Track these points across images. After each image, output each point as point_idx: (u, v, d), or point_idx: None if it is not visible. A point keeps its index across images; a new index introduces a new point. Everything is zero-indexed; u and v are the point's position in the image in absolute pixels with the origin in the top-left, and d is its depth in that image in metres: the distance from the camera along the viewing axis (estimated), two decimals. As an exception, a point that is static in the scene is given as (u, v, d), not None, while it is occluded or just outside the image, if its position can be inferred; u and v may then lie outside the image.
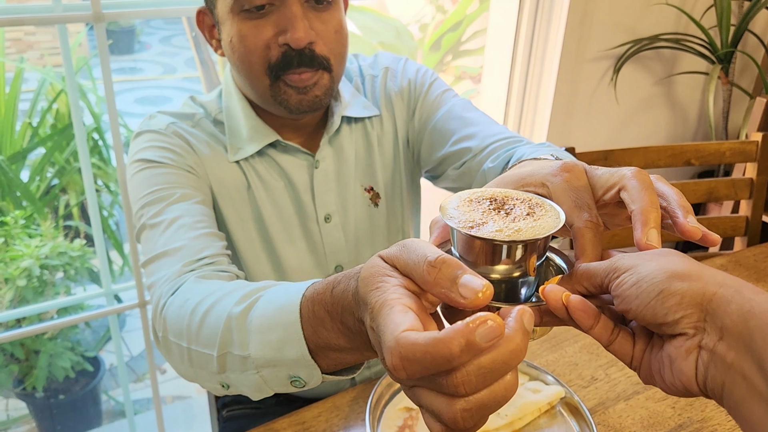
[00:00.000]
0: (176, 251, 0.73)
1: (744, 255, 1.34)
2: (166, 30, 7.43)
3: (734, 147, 1.52)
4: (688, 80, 2.21)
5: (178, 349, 0.64)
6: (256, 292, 0.59)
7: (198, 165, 0.86)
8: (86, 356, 2.00)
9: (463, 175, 0.92)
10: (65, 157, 2.37)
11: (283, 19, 0.78)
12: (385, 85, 0.98)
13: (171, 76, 5.93)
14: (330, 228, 0.94)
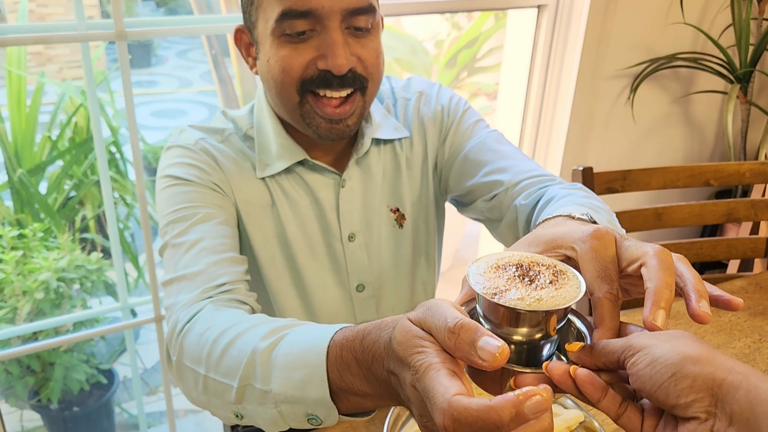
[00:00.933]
0: (195, 276, 0.75)
1: (764, 277, 1.32)
2: (183, 44, 7.53)
3: (754, 168, 1.50)
4: (705, 99, 2.20)
5: (194, 375, 0.66)
6: (282, 329, 0.61)
7: (223, 182, 0.87)
8: (100, 368, 2.00)
9: (493, 208, 0.93)
10: (83, 170, 2.39)
11: (324, 45, 0.79)
12: (418, 109, 0.98)
13: (187, 90, 6.00)
14: (354, 247, 0.94)
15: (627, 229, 1.45)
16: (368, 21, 0.81)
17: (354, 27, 0.80)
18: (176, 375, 0.70)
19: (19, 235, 1.85)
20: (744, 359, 1.06)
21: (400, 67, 2.96)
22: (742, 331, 1.14)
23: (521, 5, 1.84)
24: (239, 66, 2.18)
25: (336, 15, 0.78)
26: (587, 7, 1.78)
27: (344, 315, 0.97)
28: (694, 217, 1.50)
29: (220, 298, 0.73)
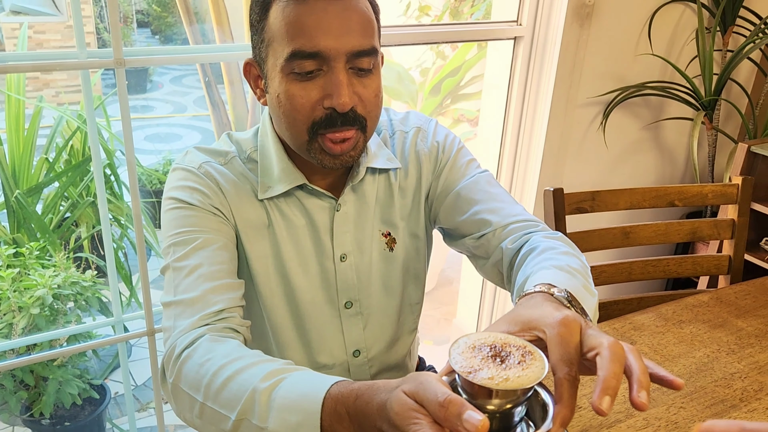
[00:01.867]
0: (192, 302, 0.82)
1: (725, 292, 1.41)
2: (178, 71, 7.65)
3: (716, 189, 1.60)
4: (675, 126, 2.31)
5: (190, 400, 0.73)
6: (281, 372, 0.69)
7: (224, 206, 0.93)
8: (92, 384, 2.05)
9: (480, 246, 1.01)
10: (78, 191, 2.47)
11: (330, 84, 0.84)
12: (415, 143, 1.04)
13: (181, 115, 6.10)
14: (344, 267, 1.00)
15: (597, 247, 1.53)
16: (370, 62, 0.87)
17: (357, 68, 0.86)
18: (170, 395, 0.77)
19: (15, 253, 1.91)
20: (702, 368, 1.13)
21: (387, 94, 3.07)
22: (702, 342, 1.21)
23: (499, 37, 1.95)
24: (231, 92, 2.28)
25: (341, 56, 0.83)
26: (560, 39, 1.89)
27: (331, 329, 1.02)
28: (660, 236, 1.59)
29: (216, 326, 0.80)
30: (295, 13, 0.82)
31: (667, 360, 1.15)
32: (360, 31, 0.84)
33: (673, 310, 1.32)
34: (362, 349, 1.05)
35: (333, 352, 1.04)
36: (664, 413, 1.01)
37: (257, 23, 0.87)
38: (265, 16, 0.86)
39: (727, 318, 1.30)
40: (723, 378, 1.11)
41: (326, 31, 0.82)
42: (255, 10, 0.87)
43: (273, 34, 0.85)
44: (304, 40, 0.82)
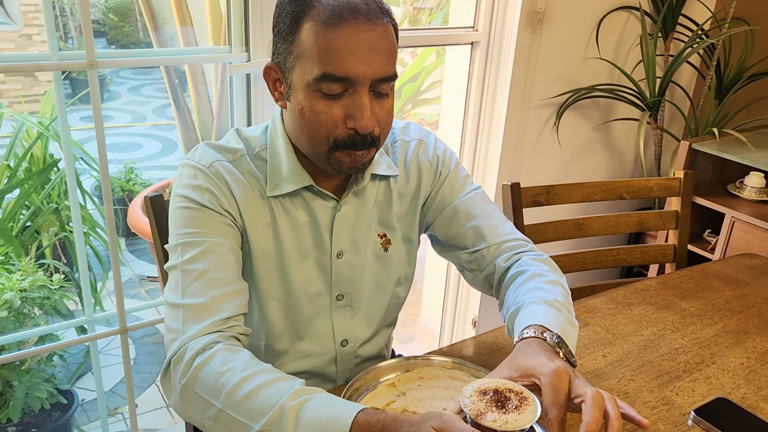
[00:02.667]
0: (201, 308, 0.87)
1: (671, 277, 1.51)
2: (136, 80, 7.57)
3: (660, 183, 1.71)
4: (623, 126, 2.44)
5: (204, 403, 0.80)
6: (305, 392, 0.77)
7: (232, 207, 0.96)
8: (60, 389, 2.05)
9: (474, 260, 1.11)
10: (41, 198, 2.45)
11: (353, 106, 0.88)
12: (417, 155, 1.11)
13: (140, 124, 6.05)
14: (340, 263, 1.06)
15: (552, 238, 1.62)
16: (389, 87, 0.93)
17: (377, 91, 0.91)
18: (178, 394, 0.83)
19: (-21, 258, 1.90)
20: (650, 344, 1.22)
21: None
22: (649, 321, 1.31)
23: (456, 42, 2.04)
24: (196, 98, 2.31)
25: (367, 82, 0.87)
26: (514, 44, 1.99)
27: (322, 320, 1.08)
28: (611, 227, 1.69)
29: (225, 334, 0.87)
30: (330, 38, 0.85)
31: (618, 338, 1.24)
32: (386, 59, 0.88)
33: (623, 294, 1.42)
34: (350, 339, 1.11)
35: (322, 340, 1.09)
36: (616, 385, 1.10)
37: (286, 34, 0.90)
38: (296, 30, 0.88)
39: (672, 300, 1.40)
40: (668, 353, 1.20)
41: (357, 58, 0.86)
42: (285, 21, 0.90)
43: (303, 50, 0.88)
44: (336, 65, 0.86)
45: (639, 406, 1.04)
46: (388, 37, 0.89)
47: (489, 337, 1.23)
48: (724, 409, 1.03)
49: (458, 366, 1.06)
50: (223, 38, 1.79)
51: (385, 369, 1.04)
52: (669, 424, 1.00)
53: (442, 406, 0.96)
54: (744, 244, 2.04)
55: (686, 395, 1.08)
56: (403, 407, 0.96)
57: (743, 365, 1.17)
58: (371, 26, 0.86)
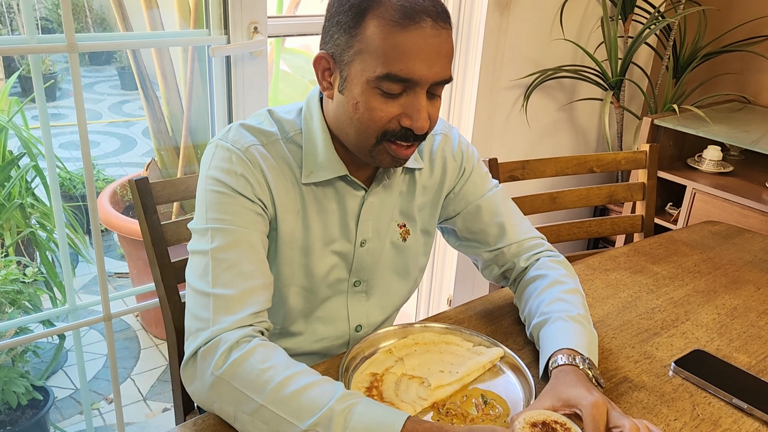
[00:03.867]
0: (230, 299, 0.87)
1: (641, 245, 1.58)
2: (89, 77, 7.37)
3: (628, 156, 1.79)
4: (586, 106, 2.52)
5: (239, 396, 0.80)
6: (351, 396, 0.79)
7: (265, 194, 0.96)
8: (35, 385, 2.01)
9: (494, 257, 1.18)
10: (3, 195, 2.38)
11: (411, 106, 0.89)
12: (443, 149, 1.13)
13: (96, 122, 5.91)
14: (362, 251, 1.07)
15: (528, 211, 1.68)
16: (443, 88, 0.95)
17: (432, 93, 0.93)
18: (210, 385, 0.83)
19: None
20: (627, 306, 1.28)
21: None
22: (625, 285, 1.37)
23: (426, 25, 2.07)
24: (164, 87, 2.28)
25: (427, 84, 0.88)
26: (483, 27, 2.04)
27: (338, 305, 1.10)
28: (582, 200, 1.76)
29: (256, 328, 0.88)
30: (398, 38, 0.85)
31: (598, 301, 1.29)
32: (447, 63, 0.90)
33: (599, 261, 1.48)
34: (363, 325, 1.14)
35: (337, 325, 1.11)
36: (600, 343, 1.15)
37: (348, 27, 0.88)
38: (360, 24, 0.87)
39: (645, 265, 1.47)
40: (645, 312, 1.26)
41: (422, 61, 0.86)
42: (347, 14, 0.88)
43: (367, 46, 0.87)
44: (401, 66, 0.86)
45: (623, 362, 1.10)
46: (451, 42, 0.91)
47: (477, 304, 1.27)
48: (701, 359, 1.10)
49: (452, 331, 1.10)
50: (193, 21, 1.78)
51: (381, 336, 1.07)
52: (652, 376, 1.06)
53: (439, 369, 1.00)
54: (705, 214, 2.14)
55: (665, 349, 1.14)
56: (402, 371, 1.00)
57: (715, 321, 1.24)
58: (438, 30, 0.87)
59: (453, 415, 0.91)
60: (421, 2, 0.86)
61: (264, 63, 1.51)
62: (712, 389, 1.02)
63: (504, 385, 0.98)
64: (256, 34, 1.47)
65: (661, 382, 1.05)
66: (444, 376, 0.98)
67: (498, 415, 0.91)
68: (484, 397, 0.95)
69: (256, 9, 1.45)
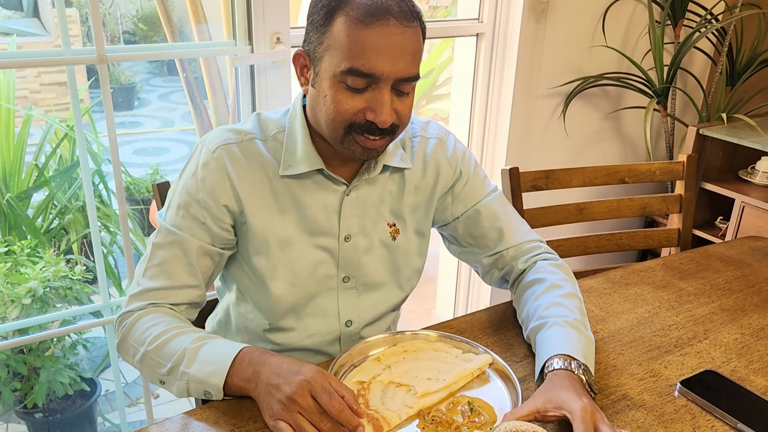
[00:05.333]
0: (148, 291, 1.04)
1: (671, 259, 1.51)
2: (165, 87, 7.79)
3: (663, 167, 1.71)
4: (634, 115, 2.43)
5: (132, 349, 1.00)
6: (204, 338, 0.96)
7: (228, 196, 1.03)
8: (83, 377, 2.13)
9: (494, 261, 1.20)
10: (67, 197, 2.55)
11: (375, 101, 0.93)
12: (437, 152, 1.16)
13: (169, 129, 6.23)
14: (347, 246, 1.10)
15: (552, 222, 1.64)
16: (410, 86, 0.98)
17: (399, 90, 0.96)
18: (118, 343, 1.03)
19: (7, 251, 2.00)
20: (643, 321, 1.23)
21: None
22: (645, 300, 1.32)
23: (461, 34, 2.07)
24: (212, 96, 2.38)
25: (390, 80, 0.92)
26: (518, 34, 2.02)
27: (327, 300, 1.13)
28: (612, 211, 1.70)
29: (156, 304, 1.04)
30: (361, 35, 0.90)
31: (611, 315, 1.25)
32: (411, 61, 0.93)
33: (621, 274, 1.43)
34: (354, 320, 1.15)
35: (328, 320, 1.14)
36: (604, 359, 1.11)
37: (320, 25, 0.94)
38: (329, 22, 0.93)
39: (671, 280, 1.40)
40: (661, 329, 1.21)
41: (384, 57, 0.90)
42: (319, 13, 0.94)
43: (334, 42, 0.92)
44: (363, 61, 0.90)
45: (626, 379, 1.05)
46: (416, 40, 0.94)
47: (482, 315, 1.25)
48: (711, 380, 1.04)
49: (442, 339, 1.09)
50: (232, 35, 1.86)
51: (371, 344, 1.08)
52: (654, 395, 1.02)
53: (426, 376, 1.00)
54: (754, 229, 2.02)
55: (675, 368, 1.09)
56: (389, 379, 1.00)
57: (737, 341, 1.17)
58: (402, 29, 0.91)
59: (438, 423, 0.91)
60: (387, 1, 0.91)
61: (287, 72, 1.56)
62: (717, 413, 0.97)
63: (492, 393, 0.98)
64: (278, 44, 1.52)
65: (662, 401, 1.00)
66: (431, 384, 0.98)
67: (484, 423, 0.91)
68: (470, 405, 0.94)
69: (279, 20, 1.51)
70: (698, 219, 2.25)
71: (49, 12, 6.37)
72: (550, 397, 0.89)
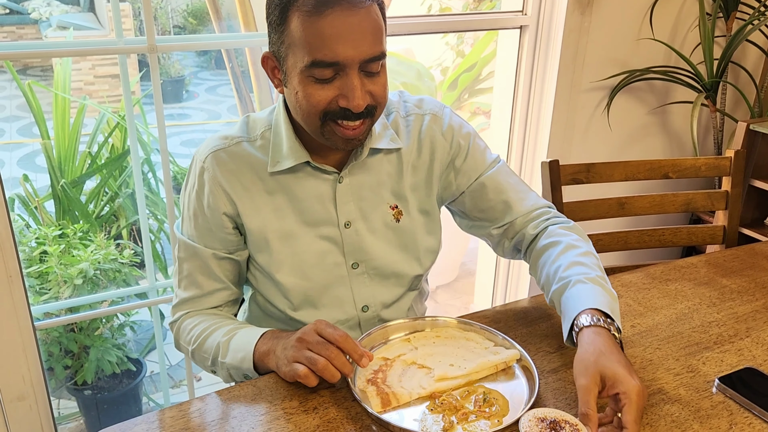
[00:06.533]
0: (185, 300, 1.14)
1: (715, 256, 1.48)
2: (212, 81, 7.95)
3: (709, 162, 1.67)
4: (681, 110, 2.38)
5: (183, 348, 1.15)
6: (233, 330, 1.07)
7: (223, 201, 1.07)
8: (130, 357, 2.22)
9: (505, 232, 1.20)
10: (118, 184, 2.65)
11: (345, 87, 0.94)
12: (432, 128, 1.16)
13: (215, 122, 6.37)
14: (350, 232, 1.12)
15: (592, 216, 1.62)
16: (379, 65, 0.99)
17: (368, 71, 0.97)
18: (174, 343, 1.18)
19: (61, 234, 2.09)
20: (682, 317, 1.21)
21: (408, 90, 3.18)
22: (685, 296, 1.29)
23: (505, 26, 2.06)
24: (257, 86, 2.44)
25: (356, 64, 0.93)
26: (562, 26, 1.99)
27: (341, 287, 1.15)
28: (655, 207, 1.67)
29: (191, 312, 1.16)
30: (316, 27, 0.91)
31: (650, 311, 1.23)
32: (372, 40, 0.93)
33: (662, 270, 1.41)
34: (370, 305, 1.17)
35: (344, 307, 1.16)
36: (641, 353, 1.10)
37: (277, 25, 0.95)
38: (285, 21, 0.94)
39: (714, 277, 1.37)
40: (701, 325, 1.19)
41: (344, 42, 0.91)
42: (274, 13, 0.95)
43: (293, 39, 0.93)
44: (325, 51, 0.91)
45: (662, 373, 1.04)
46: (373, 19, 0.94)
47: (518, 306, 1.26)
48: (751, 378, 1.02)
49: (474, 329, 1.09)
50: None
51: (404, 325, 1.10)
52: (691, 390, 1.00)
53: (449, 362, 1.01)
54: (806, 228, 1.95)
55: (713, 365, 1.07)
56: (413, 360, 1.02)
57: (780, 339, 1.15)
58: (355, 11, 0.91)
59: (446, 407, 0.92)
60: None
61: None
62: (756, 410, 0.95)
63: (511, 388, 0.97)
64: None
65: (699, 397, 0.99)
66: (451, 369, 0.99)
67: (493, 413, 0.91)
68: (485, 395, 0.94)
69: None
70: (746, 217, 2.18)
71: (104, 7, 6.58)
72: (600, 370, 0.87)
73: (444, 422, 0.88)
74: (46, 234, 2.01)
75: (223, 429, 0.91)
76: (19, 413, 1.59)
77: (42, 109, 2.45)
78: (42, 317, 1.82)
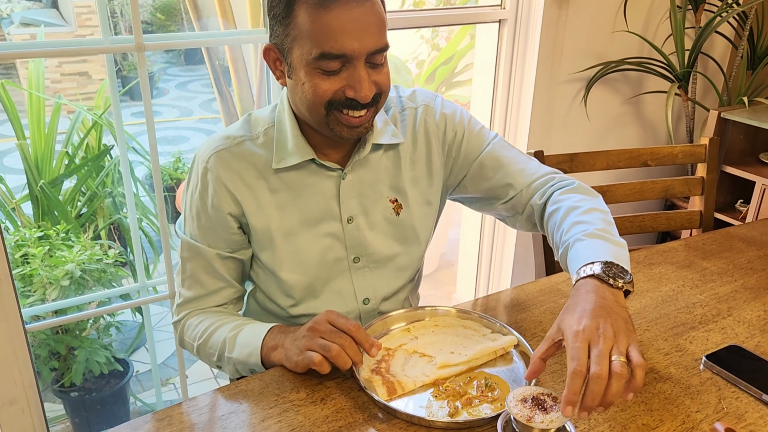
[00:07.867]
0: (189, 300, 1.16)
1: (694, 240, 1.54)
2: (183, 77, 7.85)
3: (685, 150, 1.73)
4: (655, 99, 2.45)
5: (188, 344, 1.15)
6: (239, 326, 1.09)
7: (227, 200, 1.08)
8: (117, 357, 2.20)
9: (511, 207, 1.19)
10: (96, 184, 2.62)
11: (352, 79, 0.96)
12: (425, 120, 1.17)
13: (187, 119, 6.29)
14: (351, 227, 1.14)
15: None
16: (383, 56, 1.01)
17: (373, 62, 0.99)
18: (178, 339, 1.19)
19: (43, 235, 2.06)
20: (667, 299, 1.27)
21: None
22: (669, 279, 1.35)
23: (483, 20, 2.09)
24: (237, 82, 2.43)
25: (363, 56, 0.95)
26: (540, 20, 2.04)
27: (342, 281, 1.17)
28: (635, 194, 1.73)
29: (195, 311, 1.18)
30: (323, 19, 0.93)
31: (636, 294, 1.28)
32: (377, 32, 0.96)
33: (645, 254, 1.46)
34: (371, 298, 1.19)
35: (345, 301, 1.18)
36: (631, 334, 1.15)
37: (282, 18, 0.96)
38: (291, 13, 0.95)
39: (694, 260, 1.43)
40: (685, 306, 1.24)
41: (350, 35, 0.93)
42: (279, 5, 0.96)
43: (300, 32, 0.95)
44: (332, 44, 0.93)
45: (652, 353, 1.09)
46: (377, 11, 0.96)
47: (508, 294, 1.29)
48: (736, 355, 1.07)
49: (471, 317, 1.13)
50: (261, 24, 1.90)
51: (402, 316, 1.13)
52: (681, 368, 1.05)
53: (450, 350, 1.04)
54: (776, 211, 2.04)
55: (700, 343, 1.12)
56: (414, 349, 1.04)
57: (760, 317, 1.20)
58: (360, 3, 0.94)
59: (450, 393, 0.95)
60: None
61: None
62: (742, 384, 1.00)
63: (511, 373, 1.01)
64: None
65: (689, 375, 1.04)
66: (452, 357, 1.02)
67: (496, 398, 0.94)
68: (486, 381, 0.97)
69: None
70: (719, 202, 2.26)
71: (68, 3, 6.44)
72: (558, 322, 0.86)
73: (449, 407, 0.91)
74: (25, 236, 1.98)
75: (234, 422, 0.93)
76: (11, 417, 1.58)
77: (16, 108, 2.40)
78: (29, 320, 1.80)
